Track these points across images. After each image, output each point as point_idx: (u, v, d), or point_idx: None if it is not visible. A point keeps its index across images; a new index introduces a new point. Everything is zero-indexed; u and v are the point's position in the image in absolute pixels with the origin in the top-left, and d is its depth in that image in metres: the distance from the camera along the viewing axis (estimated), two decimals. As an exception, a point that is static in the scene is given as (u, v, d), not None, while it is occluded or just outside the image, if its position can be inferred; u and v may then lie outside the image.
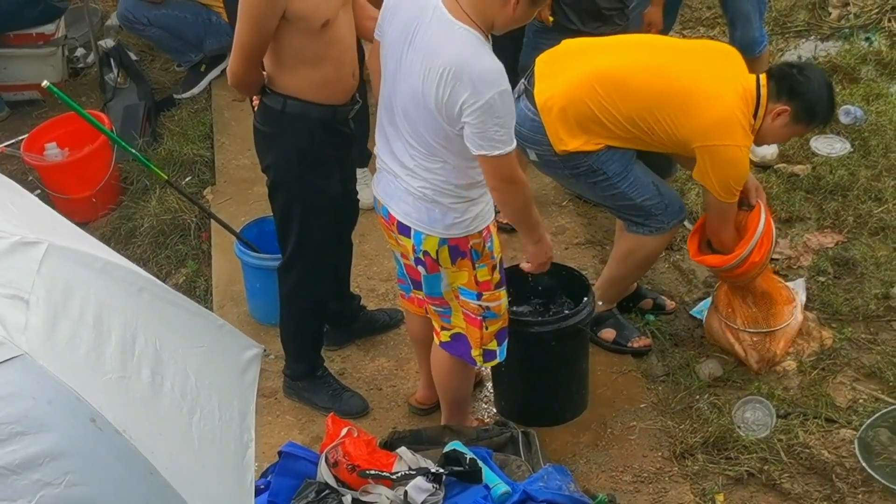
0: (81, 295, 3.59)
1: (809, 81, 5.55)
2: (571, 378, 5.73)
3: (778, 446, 5.49)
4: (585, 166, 5.67)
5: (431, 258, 4.82)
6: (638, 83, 5.56)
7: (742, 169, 5.55)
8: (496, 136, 4.41)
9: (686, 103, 5.48)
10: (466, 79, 4.35)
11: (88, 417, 3.25)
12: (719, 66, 5.65)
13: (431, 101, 4.47)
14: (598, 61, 5.69)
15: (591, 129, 5.57)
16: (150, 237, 7.41)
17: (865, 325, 6.17)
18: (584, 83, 5.59)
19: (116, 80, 8.67)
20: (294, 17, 4.89)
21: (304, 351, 5.85)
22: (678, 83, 5.55)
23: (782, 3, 9.05)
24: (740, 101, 5.47)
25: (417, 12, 4.52)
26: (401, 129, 4.70)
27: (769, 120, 5.54)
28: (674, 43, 6.32)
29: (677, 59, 5.72)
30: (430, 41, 4.46)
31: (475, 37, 4.42)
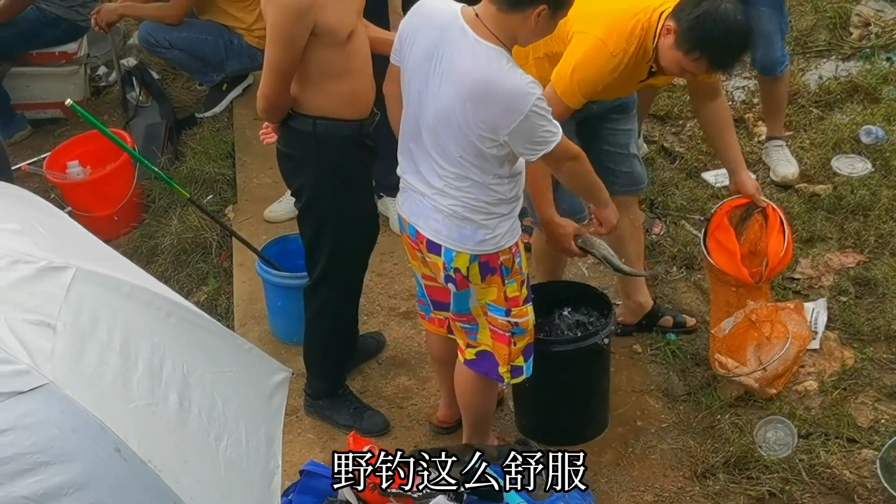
0: (108, 320, 3.60)
1: (699, 6, 5.07)
2: (592, 396, 5.74)
3: (799, 466, 5.47)
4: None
5: (462, 275, 4.84)
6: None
7: (594, 65, 5.15)
8: (544, 135, 4.50)
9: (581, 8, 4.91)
10: (499, 100, 4.41)
11: (113, 447, 3.26)
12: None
13: (462, 120, 4.51)
14: None
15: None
16: (172, 255, 7.42)
17: (887, 345, 6.16)
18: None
19: (138, 98, 8.71)
20: (322, 31, 4.93)
21: (328, 370, 5.87)
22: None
23: (803, 23, 9.03)
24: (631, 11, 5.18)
25: (440, 33, 4.56)
26: (429, 150, 4.72)
27: (662, 37, 5.15)
28: None
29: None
30: (457, 62, 4.50)
31: (501, 54, 4.46)
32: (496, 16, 4.46)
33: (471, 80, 4.45)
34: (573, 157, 4.75)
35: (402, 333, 6.48)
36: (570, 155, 4.72)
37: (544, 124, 4.48)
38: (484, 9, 4.50)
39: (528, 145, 4.53)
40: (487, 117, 4.45)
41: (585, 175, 4.88)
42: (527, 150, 4.56)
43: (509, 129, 4.44)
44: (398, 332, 6.49)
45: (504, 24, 4.46)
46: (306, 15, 4.87)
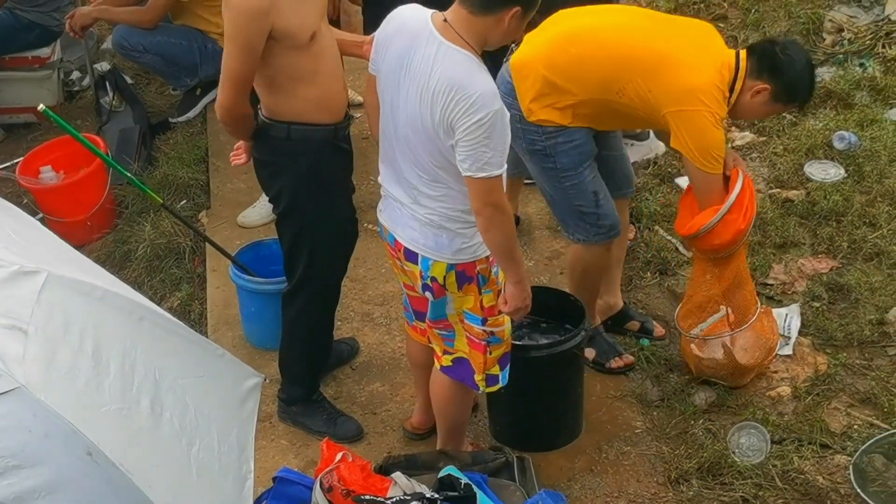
0: (80, 325, 3.59)
1: (792, 62, 5.45)
2: (566, 403, 5.73)
3: (773, 472, 5.49)
4: (541, 146, 5.63)
5: (439, 284, 4.83)
6: (614, 41, 5.52)
7: (718, 134, 5.41)
8: (484, 156, 4.41)
9: (660, 67, 5.39)
10: (460, 98, 4.37)
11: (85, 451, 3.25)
12: (698, 36, 5.58)
13: (429, 124, 4.49)
14: (575, 22, 5.66)
15: (560, 86, 5.51)
16: (145, 261, 7.40)
17: (860, 351, 6.18)
18: (560, 41, 5.57)
19: (112, 103, 8.67)
20: (281, 34, 4.90)
21: (303, 376, 5.85)
22: (655, 45, 5.47)
23: (776, 29, 9.04)
24: (716, 74, 5.39)
25: (411, 40, 4.56)
26: (403, 157, 4.72)
27: (747, 96, 5.44)
28: (653, 12, 6.28)
29: (656, 25, 5.67)
30: (424, 66, 4.48)
31: (468, 58, 4.46)
32: (467, 19, 4.46)
33: (436, 82, 4.43)
34: (497, 206, 4.56)
35: (376, 339, 6.47)
36: (495, 201, 4.54)
37: (497, 146, 4.42)
38: (454, 13, 4.50)
39: (465, 158, 4.43)
40: (449, 117, 4.41)
41: (505, 233, 4.66)
42: (460, 162, 4.46)
43: (465, 127, 4.37)
44: (372, 338, 6.48)
45: (475, 28, 4.46)
46: (263, 19, 4.84)
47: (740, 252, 5.77)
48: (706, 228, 5.53)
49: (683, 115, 5.35)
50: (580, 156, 5.62)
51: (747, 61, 5.43)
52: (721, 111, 5.39)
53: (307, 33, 4.98)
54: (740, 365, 5.90)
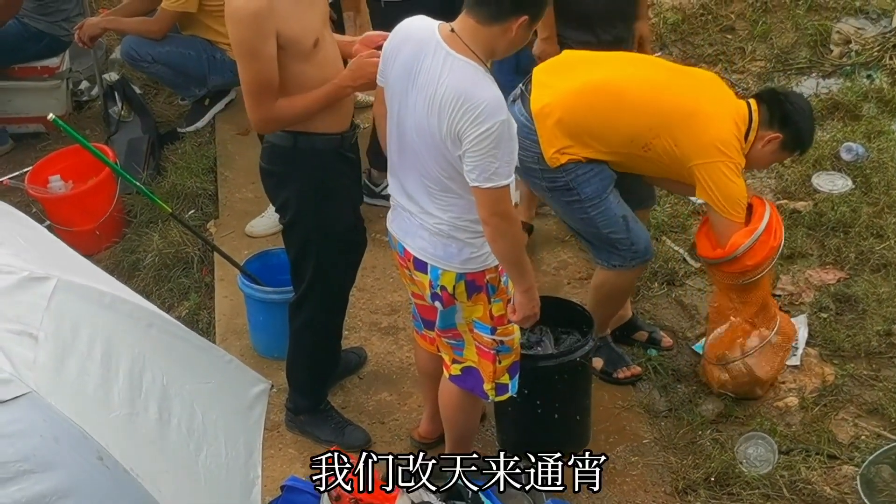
0: (90, 331, 3.60)
1: (802, 111, 5.61)
2: (574, 412, 5.72)
3: (780, 482, 5.48)
4: (562, 182, 5.63)
5: (448, 293, 4.83)
6: (640, 97, 5.56)
7: (741, 183, 5.51)
8: (492, 166, 4.40)
9: (687, 121, 5.47)
10: (466, 109, 4.36)
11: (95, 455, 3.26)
12: (713, 88, 5.67)
13: (437, 135, 4.49)
14: (598, 73, 5.68)
15: (586, 141, 5.55)
16: (154, 270, 7.40)
17: (867, 362, 6.18)
18: (585, 94, 5.59)
19: (120, 113, 8.67)
20: (287, 41, 4.88)
21: (311, 385, 5.85)
22: (679, 101, 5.54)
23: (784, 41, 9.06)
24: (734, 125, 5.48)
25: (418, 50, 4.55)
26: (412, 167, 4.72)
27: (759, 145, 5.55)
28: (669, 63, 6.29)
29: (677, 78, 5.74)
30: (432, 75, 4.48)
31: (475, 68, 4.45)
32: (474, 29, 4.46)
33: (443, 93, 4.43)
34: (505, 216, 4.55)
35: (384, 348, 6.47)
36: (503, 210, 4.53)
37: (504, 156, 4.42)
38: (461, 23, 4.50)
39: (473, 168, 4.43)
40: (456, 127, 4.40)
41: (513, 242, 4.66)
42: (468, 172, 4.45)
43: (472, 138, 4.37)
44: (379, 348, 6.48)
45: (482, 38, 4.46)
46: (264, 23, 4.81)
47: (767, 275, 5.83)
48: (743, 249, 5.59)
49: (709, 167, 5.45)
50: (602, 181, 5.63)
51: (759, 111, 5.55)
52: (741, 160, 5.51)
53: (310, 39, 4.96)
54: (760, 379, 5.92)
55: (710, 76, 5.83)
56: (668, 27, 9.44)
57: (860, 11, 9.15)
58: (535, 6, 4.45)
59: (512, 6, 4.39)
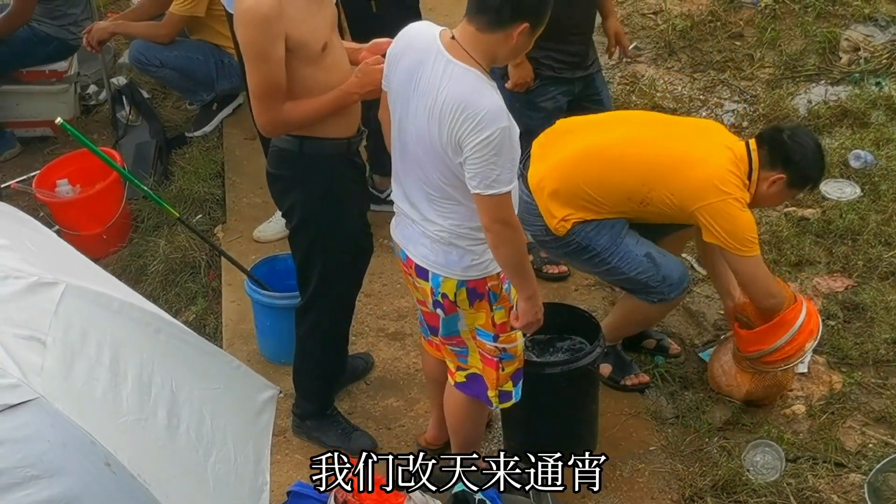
0: (98, 336, 3.60)
1: (804, 149, 5.58)
2: (581, 419, 5.72)
3: (787, 490, 5.47)
4: (575, 244, 5.72)
5: (450, 300, 4.82)
6: (628, 156, 5.63)
7: (747, 216, 5.50)
8: (493, 173, 4.40)
9: (677, 169, 5.52)
10: (467, 116, 4.35)
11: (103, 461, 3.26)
12: (706, 133, 5.76)
13: (438, 142, 4.48)
14: (587, 139, 5.77)
15: (584, 206, 5.64)
16: (161, 275, 7.41)
17: (875, 370, 6.17)
18: (575, 162, 5.68)
19: (128, 117, 8.70)
20: (295, 45, 4.87)
21: (317, 390, 5.84)
22: (667, 150, 5.61)
23: (793, 48, 9.06)
24: (729, 162, 5.50)
25: (420, 57, 4.55)
26: (413, 174, 4.71)
27: (764, 187, 5.56)
28: (662, 116, 6.47)
29: (666, 130, 5.82)
30: (432, 83, 4.47)
31: (476, 75, 4.44)
32: (475, 36, 4.45)
33: (444, 100, 4.42)
34: (506, 223, 4.54)
35: (391, 354, 6.47)
36: (504, 217, 4.53)
37: (505, 163, 4.41)
38: (462, 30, 4.50)
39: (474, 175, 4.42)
40: (457, 134, 4.39)
41: (516, 249, 4.63)
42: (469, 179, 4.45)
43: (473, 145, 4.36)
44: (386, 353, 6.47)
45: (483, 45, 4.45)
46: (274, 25, 4.80)
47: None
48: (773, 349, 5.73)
49: (709, 209, 5.46)
50: (613, 229, 5.68)
51: (759, 152, 5.57)
52: (743, 196, 5.51)
53: (319, 43, 4.96)
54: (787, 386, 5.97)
55: (699, 122, 6.06)
56: (676, 34, 9.43)
57: (869, 19, 9.13)
58: (535, 14, 4.44)
59: (512, 14, 4.39)
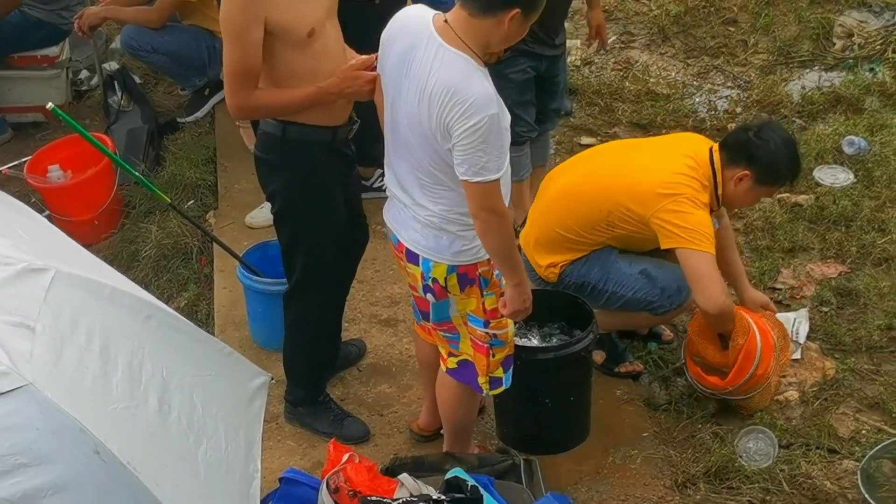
0: (88, 322, 3.58)
1: (767, 144, 5.55)
2: (574, 406, 5.71)
3: (780, 476, 5.48)
4: (570, 283, 5.84)
5: (440, 285, 4.81)
6: (586, 189, 5.77)
7: (701, 215, 5.48)
8: (481, 160, 4.38)
9: (628, 187, 5.58)
10: (455, 102, 4.34)
11: (93, 449, 3.24)
12: (667, 147, 5.81)
13: (427, 126, 4.47)
14: (556, 184, 5.95)
15: (564, 246, 5.79)
16: (152, 261, 7.39)
17: (868, 356, 6.17)
18: (547, 209, 5.90)
19: (120, 103, 8.66)
20: (277, 28, 4.83)
21: (308, 377, 5.83)
22: (619, 173, 5.70)
23: (787, 34, 9.05)
24: (683, 167, 5.51)
25: (412, 41, 4.53)
26: (404, 158, 4.70)
27: (732, 186, 5.57)
28: (631, 142, 6.60)
29: (624, 155, 5.93)
30: (423, 67, 4.46)
31: (467, 61, 4.42)
32: (467, 21, 4.43)
33: (433, 85, 4.40)
34: (494, 211, 4.52)
35: (383, 341, 6.46)
36: (491, 205, 4.51)
37: (493, 151, 4.39)
38: (454, 15, 4.47)
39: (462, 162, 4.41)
40: (446, 120, 4.38)
41: (503, 237, 4.62)
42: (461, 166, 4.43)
43: (461, 132, 4.35)
44: (379, 340, 6.46)
45: (475, 30, 4.43)
46: (253, 7, 4.77)
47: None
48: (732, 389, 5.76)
49: (661, 212, 5.49)
50: (600, 259, 5.80)
51: (720, 153, 5.59)
52: (698, 195, 5.49)
53: (305, 29, 4.90)
54: None
55: (667, 138, 6.22)
56: (670, 19, 9.42)
57: (863, 4, 9.12)
58: (526, 0, 4.42)
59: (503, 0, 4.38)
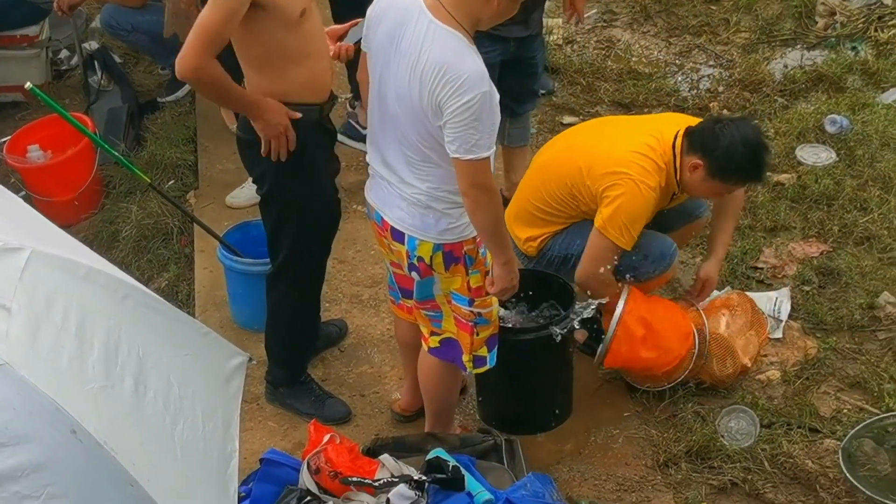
0: (64, 302, 3.56)
1: (724, 139, 5.39)
2: (555, 386, 5.71)
3: (762, 456, 5.47)
4: (554, 258, 5.80)
5: (425, 264, 4.80)
6: (556, 163, 5.77)
7: (637, 203, 5.45)
8: (472, 138, 4.37)
9: (588, 163, 5.55)
10: (448, 80, 4.32)
11: (69, 429, 3.23)
12: (638, 126, 5.77)
13: (417, 103, 4.45)
14: (538, 158, 5.98)
15: (546, 220, 5.77)
16: (133, 241, 7.37)
17: (850, 335, 6.16)
18: (524, 184, 5.91)
19: (100, 82, 8.63)
20: (272, 6, 4.80)
21: (289, 358, 5.82)
22: (587, 149, 5.67)
23: (769, 12, 9.05)
24: (643, 147, 5.48)
25: (402, 17, 4.50)
26: (391, 135, 4.67)
27: (688, 173, 5.49)
28: (612, 120, 6.61)
29: (597, 130, 5.94)
30: (414, 44, 4.43)
31: (459, 38, 4.40)
32: None
33: (425, 62, 4.38)
34: (484, 188, 4.52)
35: (365, 321, 6.45)
36: (482, 182, 4.50)
37: (485, 128, 4.38)
38: None
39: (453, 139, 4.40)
40: (438, 97, 4.36)
41: (493, 215, 4.62)
42: (453, 144, 4.41)
43: (453, 109, 4.33)
44: (361, 320, 6.45)
45: (465, 6, 4.41)
46: None
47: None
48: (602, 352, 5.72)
49: (611, 187, 5.46)
50: (583, 230, 5.68)
51: (683, 138, 5.51)
52: (647, 179, 5.44)
53: (298, 8, 4.88)
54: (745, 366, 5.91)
55: (644, 118, 6.18)
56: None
57: (845, -17, 9.12)
58: None
59: None
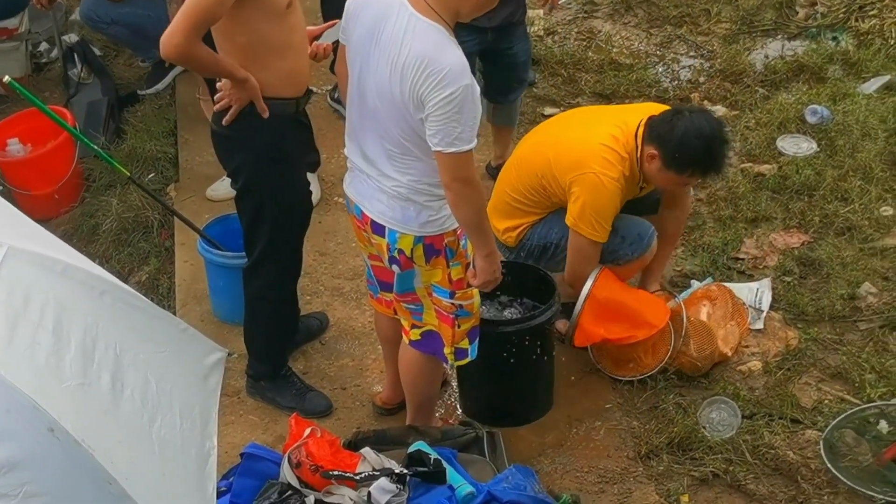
0: (41, 299, 3.55)
1: (677, 130, 5.41)
2: (537, 378, 5.71)
3: (743, 447, 5.48)
4: (534, 248, 5.87)
5: (406, 256, 4.79)
6: (530, 156, 5.81)
7: (602, 197, 5.50)
8: (454, 131, 4.37)
9: (556, 156, 5.61)
10: (430, 73, 4.32)
11: (46, 427, 3.21)
12: (607, 114, 5.85)
13: (399, 97, 4.44)
14: (517, 150, 6.06)
15: (524, 211, 5.82)
16: (113, 234, 7.35)
17: (831, 326, 6.16)
18: (503, 175, 5.97)
19: (80, 75, 8.60)
20: None
21: (270, 351, 5.81)
22: (555, 141, 5.74)
23: (750, 2, 9.04)
24: (607, 138, 5.51)
25: (383, 10, 4.48)
26: (371, 129, 4.66)
27: (646, 163, 5.52)
28: (587, 110, 6.68)
29: (566, 123, 6.00)
30: (395, 37, 4.42)
31: (440, 31, 4.39)
32: None
33: (407, 54, 4.37)
34: (467, 181, 4.51)
35: (346, 314, 6.44)
36: (464, 176, 4.50)
37: (467, 121, 4.37)
38: None
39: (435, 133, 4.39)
40: (419, 91, 4.35)
41: (475, 207, 4.63)
42: (430, 136, 4.41)
43: (435, 102, 4.32)
44: (342, 313, 6.44)
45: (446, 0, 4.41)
46: None
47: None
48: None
49: (575, 182, 5.53)
50: (560, 219, 5.72)
51: (643, 128, 5.54)
52: (609, 171, 5.48)
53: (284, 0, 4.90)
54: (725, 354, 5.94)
55: (618, 107, 6.24)
56: (633, -12, 9.41)
57: (826, -27, 9.12)
58: None
59: None
